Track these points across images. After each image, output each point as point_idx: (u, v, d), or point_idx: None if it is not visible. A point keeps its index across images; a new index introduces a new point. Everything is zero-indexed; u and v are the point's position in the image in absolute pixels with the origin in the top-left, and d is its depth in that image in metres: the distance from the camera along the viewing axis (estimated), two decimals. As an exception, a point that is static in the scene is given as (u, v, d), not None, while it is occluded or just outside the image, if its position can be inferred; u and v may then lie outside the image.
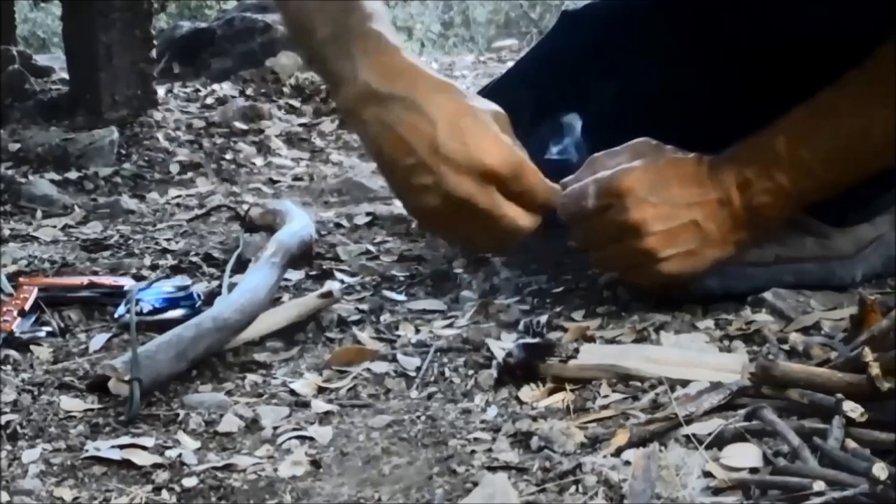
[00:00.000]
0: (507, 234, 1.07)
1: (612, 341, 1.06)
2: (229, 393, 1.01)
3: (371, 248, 1.50)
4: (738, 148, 1.10)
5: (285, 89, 2.79)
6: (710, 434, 0.78)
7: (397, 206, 1.73)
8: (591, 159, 1.13)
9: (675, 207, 1.07)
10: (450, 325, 1.16)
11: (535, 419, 0.89)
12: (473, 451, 0.85)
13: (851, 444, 0.74)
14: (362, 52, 1.06)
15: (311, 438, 0.90)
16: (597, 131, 1.18)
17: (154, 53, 2.45)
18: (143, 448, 0.88)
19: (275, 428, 0.93)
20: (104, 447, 0.88)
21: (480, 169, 1.03)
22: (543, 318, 1.12)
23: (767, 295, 1.11)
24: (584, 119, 1.22)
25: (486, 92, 1.51)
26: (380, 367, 1.05)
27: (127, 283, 1.31)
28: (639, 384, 0.94)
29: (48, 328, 1.19)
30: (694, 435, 0.79)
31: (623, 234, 1.08)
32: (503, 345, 1.06)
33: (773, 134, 1.08)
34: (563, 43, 1.41)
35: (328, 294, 1.19)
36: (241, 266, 1.32)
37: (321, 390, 1.01)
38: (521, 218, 1.06)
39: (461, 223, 1.06)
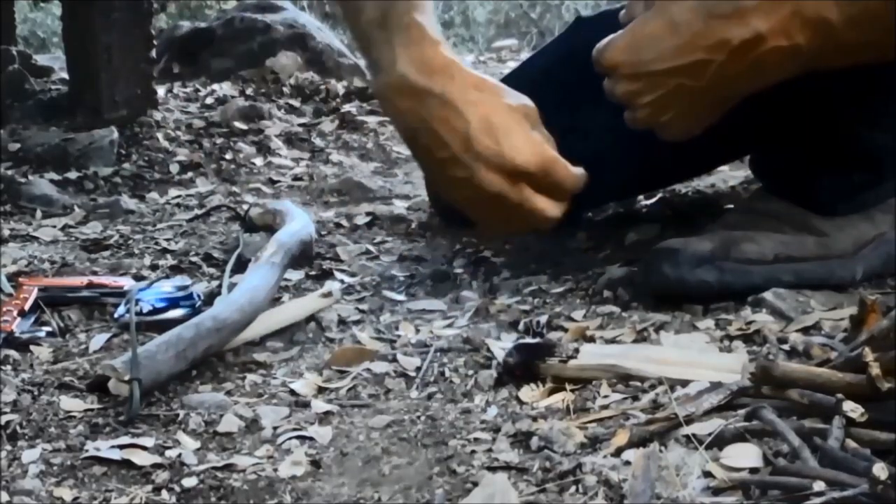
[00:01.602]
0: (538, 223, 1.12)
1: (612, 341, 1.06)
2: (229, 393, 1.01)
3: (371, 248, 1.50)
4: None
5: (285, 89, 2.79)
6: (710, 434, 0.78)
7: (397, 206, 1.73)
8: (629, 3, 1.11)
9: (657, 77, 1.04)
10: (450, 325, 1.16)
11: (535, 419, 0.89)
12: (473, 451, 0.85)
13: (851, 444, 0.74)
14: (403, 43, 1.09)
15: (311, 438, 0.90)
16: (608, 137, 1.19)
17: (154, 53, 2.45)
18: (143, 448, 0.89)
19: (275, 428, 0.93)
20: (104, 447, 0.88)
21: (511, 167, 1.07)
22: (543, 318, 1.13)
23: (767, 295, 1.11)
24: (595, 123, 1.22)
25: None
26: (380, 367, 1.05)
27: (127, 283, 1.31)
28: (639, 384, 0.94)
29: (48, 328, 1.19)
30: (694, 435, 0.79)
31: (623, 103, 1.09)
32: (503, 345, 1.06)
33: None
34: (575, 48, 1.41)
35: (328, 294, 1.19)
36: (241, 266, 1.32)
37: (321, 390, 1.01)
38: (550, 209, 1.11)
39: (493, 211, 1.11)
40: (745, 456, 0.76)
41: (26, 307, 1.20)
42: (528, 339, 1.05)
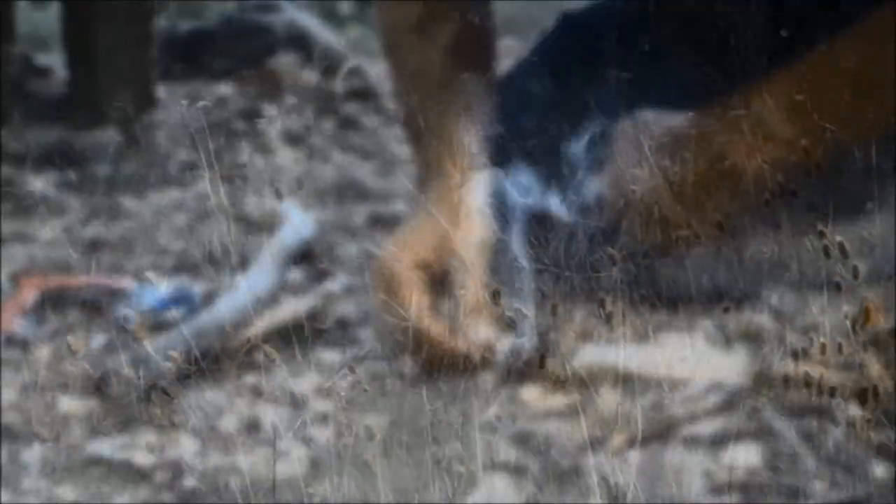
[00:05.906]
0: None
1: (612, 341, 1.06)
2: (229, 393, 1.01)
3: (371, 248, 1.49)
4: None
5: (285, 89, 2.79)
6: (710, 434, 0.78)
7: (397, 206, 1.72)
8: None
9: None
10: (450, 325, 1.16)
11: (535, 419, 0.89)
12: (473, 452, 0.85)
13: (851, 444, 0.74)
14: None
15: (311, 438, 0.90)
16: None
17: (154, 53, 2.45)
18: (144, 448, 0.88)
19: (275, 428, 0.93)
20: (104, 447, 0.88)
21: None
22: (544, 319, 1.12)
23: (767, 295, 1.11)
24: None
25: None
26: (380, 367, 1.05)
27: (127, 283, 1.31)
28: (639, 384, 0.94)
29: (48, 328, 1.18)
30: (694, 435, 0.79)
31: None
32: (503, 345, 1.05)
33: None
34: (563, 41, 1.42)
35: (328, 294, 1.19)
36: (242, 266, 1.32)
37: (321, 390, 1.01)
38: None
39: None
40: (745, 456, 0.76)
41: (26, 307, 1.20)
42: (529, 339, 1.05)
